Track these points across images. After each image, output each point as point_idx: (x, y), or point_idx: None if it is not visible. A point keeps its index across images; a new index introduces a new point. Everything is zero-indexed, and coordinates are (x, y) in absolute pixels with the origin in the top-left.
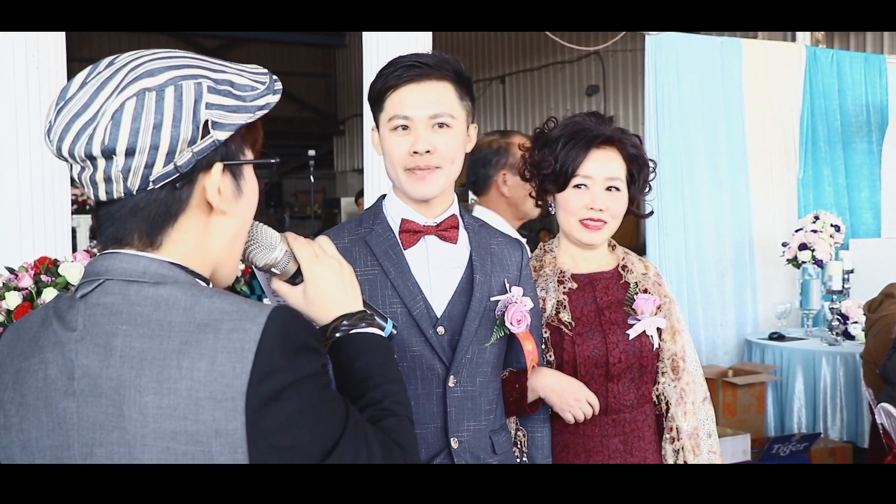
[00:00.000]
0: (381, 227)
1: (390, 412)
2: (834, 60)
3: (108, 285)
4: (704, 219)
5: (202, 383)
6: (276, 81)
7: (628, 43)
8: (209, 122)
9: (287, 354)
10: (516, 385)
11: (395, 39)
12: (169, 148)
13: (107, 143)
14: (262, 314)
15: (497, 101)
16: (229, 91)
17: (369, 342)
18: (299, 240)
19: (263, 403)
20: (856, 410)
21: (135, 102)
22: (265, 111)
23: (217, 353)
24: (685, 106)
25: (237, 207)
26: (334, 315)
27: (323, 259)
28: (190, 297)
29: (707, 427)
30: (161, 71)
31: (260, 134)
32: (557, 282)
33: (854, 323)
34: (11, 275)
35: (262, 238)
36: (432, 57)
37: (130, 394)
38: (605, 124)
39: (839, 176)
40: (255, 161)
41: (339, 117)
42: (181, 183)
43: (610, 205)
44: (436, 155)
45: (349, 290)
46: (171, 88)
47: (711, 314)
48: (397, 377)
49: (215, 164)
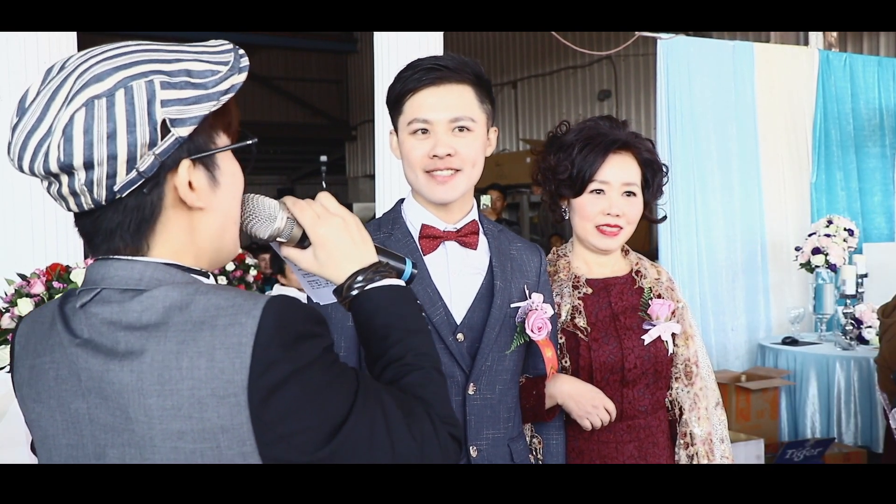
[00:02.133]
0: (400, 233)
1: (413, 366)
2: (847, 64)
3: (104, 294)
4: (717, 223)
5: (203, 381)
6: (241, 57)
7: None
8: (167, 120)
9: (285, 345)
10: (534, 392)
11: (407, 42)
12: (128, 155)
13: (62, 160)
14: (256, 307)
15: (509, 106)
16: (186, 82)
17: (386, 295)
18: (299, 203)
19: (266, 396)
20: (870, 415)
21: (84, 114)
22: (231, 94)
23: (215, 350)
24: (697, 110)
25: (216, 200)
26: (349, 272)
27: (326, 218)
28: (185, 297)
29: (720, 432)
30: (109, 74)
31: (233, 115)
32: (572, 287)
33: (868, 327)
34: (24, 281)
35: (259, 210)
36: (452, 59)
37: (134, 397)
38: (619, 128)
39: (852, 180)
40: (229, 147)
41: (350, 123)
42: (149, 187)
43: (626, 210)
44: (456, 158)
45: (359, 243)
46: (122, 92)
47: (723, 319)
48: (419, 327)
49: (181, 161)
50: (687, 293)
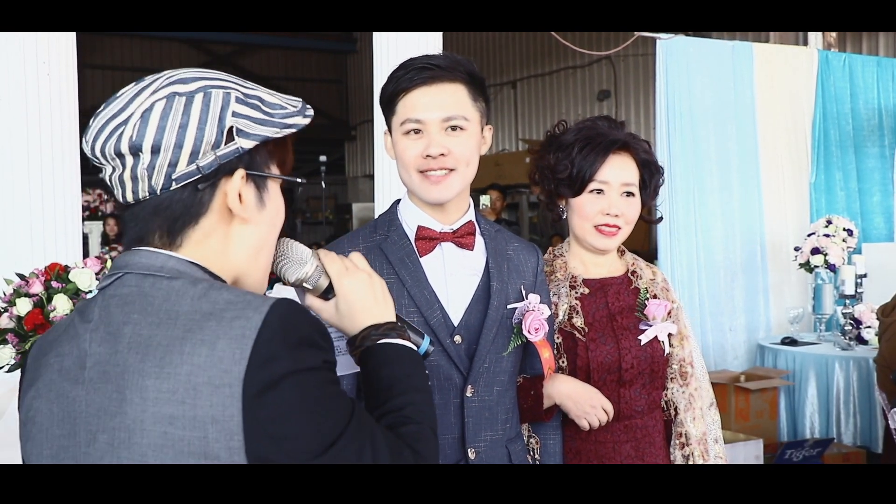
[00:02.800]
0: (396, 235)
1: (410, 420)
2: (846, 64)
3: (126, 278)
4: (716, 223)
5: (202, 368)
6: (307, 108)
7: (640, 47)
8: (234, 128)
9: (287, 344)
10: (531, 392)
11: (406, 42)
12: (193, 148)
13: (134, 140)
14: (265, 304)
15: (508, 107)
16: (258, 105)
17: (397, 352)
18: (330, 255)
19: (261, 391)
20: (869, 415)
21: (164, 103)
22: (292, 130)
23: (218, 340)
24: (697, 110)
25: (260, 217)
26: (366, 325)
27: (354, 272)
28: (200, 290)
29: (714, 432)
30: (193, 80)
31: (289, 155)
32: (570, 287)
33: (867, 327)
34: (22, 281)
35: (292, 253)
36: (444, 58)
37: (133, 378)
38: (618, 129)
39: (851, 180)
40: (279, 176)
41: (350, 123)
42: (203, 185)
43: (625, 210)
44: (450, 157)
45: (381, 302)
46: (201, 94)
47: (722, 319)
48: (423, 387)
49: (237, 170)
50: (686, 293)
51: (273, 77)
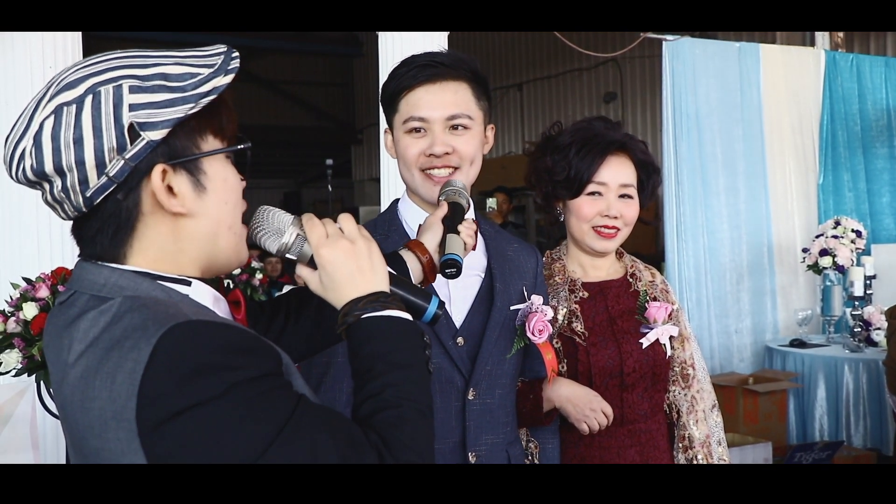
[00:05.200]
0: (397, 234)
1: (388, 404)
2: (854, 65)
3: (75, 297)
4: (723, 225)
5: (107, 402)
6: (232, 59)
7: (646, 49)
8: (135, 124)
9: (175, 379)
10: (530, 396)
11: (412, 44)
12: (96, 161)
13: (35, 167)
14: (157, 333)
15: (514, 109)
16: (160, 85)
17: (380, 326)
18: (312, 220)
19: (154, 427)
20: (880, 417)
21: (53, 121)
22: (211, 97)
23: (117, 373)
24: (703, 112)
25: (203, 205)
26: (349, 298)
27: (334, 240)
28: (121, 312)
29: (717, 435)
30: (80, 81)
31: (224, 118)
32: (569, 291)
33: (877, 329)
34: (29, 285)
35: (269, 223)
36: (448, 56)
37: (70, 410)
38: (615, 129)
39: (860, 181)
40: (212, 151)
41: (356, 126)
42: (123, 193)
43: (624, 212)
44: (454, 156)
45: (365, 270)
46: (90, 98)
47: (729, 321)
48: (407, 362)
49: (155, 166)
50: (693, 295)
51: (279, 81)
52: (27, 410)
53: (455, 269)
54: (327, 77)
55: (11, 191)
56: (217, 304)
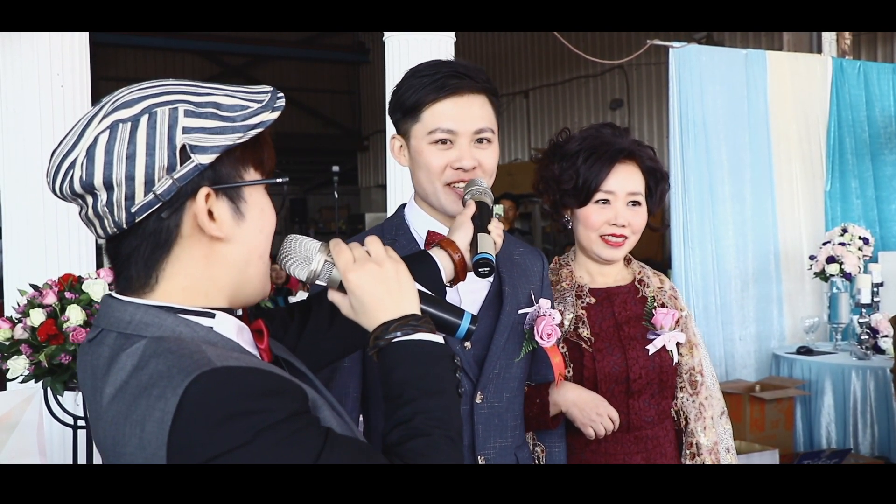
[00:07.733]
0: (404, 239)
1: (419, 432)
2: (861, 71)
3: (103, 336)
4: (730, 232)
5: (138, 450)
6: (278, 98)
7: (652, 56)
8: (187, 146)
9: (208, 425)
10: (537, 400)
11: (419, 51)
12: (146, 177)
13: (84, 179)
14: (184, 381)
15: (521, 116)
16: (213, 113)
17: (410, 351)
18: (339, 246)
19: None
20: (888, 425)
21: (108, 135)
22: (258, 130)
23: (146, 422)
24: (710, 119)
25: (240, 232)
26: (380, 322)
27: (361, 264)
28: (146, 356)
29: (726, 442)
30: (137, 101)
31: (265, 153)
32: (576, 296)
33: (884, 337)
34: (36, 292)
35: (297, 251)
36: (470, 68)
37: (104, 454)
38: (622, 136)
39: (867, 188)
40: (254, 182)
41: (362, 133)
42: (167, 212)
43: (632, 220)
44: (479, 170)
45: (394, 293)
46: (146, 117)
47: (735, 328)
48: (438, 389)
49: (201, 189)
50: (701, 302)
51: (286, 88)
52: (34, 417)
53: (488, 268)
54: (334, 84)
55: (18, 197)
56: (241, 334)
